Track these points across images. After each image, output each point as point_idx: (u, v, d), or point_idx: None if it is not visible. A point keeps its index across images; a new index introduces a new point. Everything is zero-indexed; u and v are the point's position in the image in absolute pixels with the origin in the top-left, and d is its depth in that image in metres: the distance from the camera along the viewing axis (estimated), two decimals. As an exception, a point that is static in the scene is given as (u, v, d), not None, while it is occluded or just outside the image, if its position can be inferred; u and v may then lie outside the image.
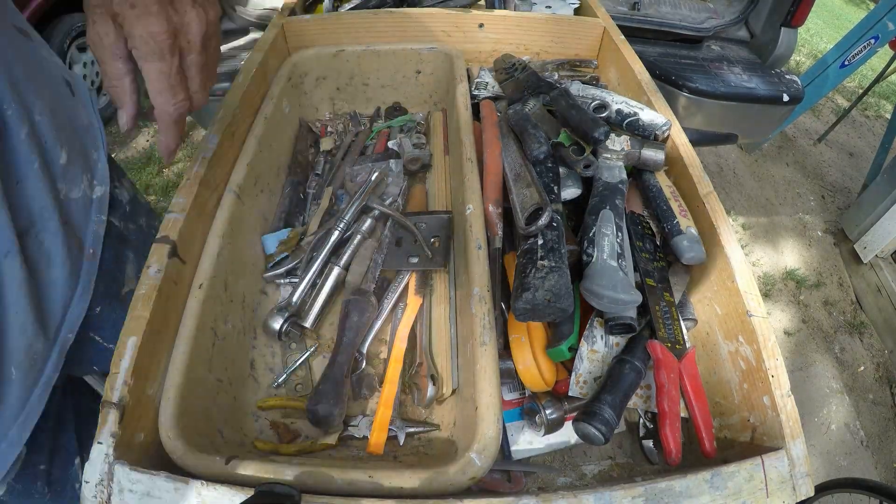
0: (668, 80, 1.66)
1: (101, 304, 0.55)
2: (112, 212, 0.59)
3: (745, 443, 0.46)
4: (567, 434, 0.50)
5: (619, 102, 0.65)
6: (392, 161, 0.70)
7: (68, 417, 0.55)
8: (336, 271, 0.57)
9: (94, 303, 0.54)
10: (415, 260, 0.57)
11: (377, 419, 0.48)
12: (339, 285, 0.58)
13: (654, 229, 0.58)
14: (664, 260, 0.56)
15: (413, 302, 0.56)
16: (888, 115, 3.06)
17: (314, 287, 0.58)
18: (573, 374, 0.49)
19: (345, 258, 0.59)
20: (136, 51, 0.40)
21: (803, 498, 0.40)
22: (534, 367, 0.49)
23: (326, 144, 0.76)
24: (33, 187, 0.47)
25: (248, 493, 0.35)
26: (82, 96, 0.58)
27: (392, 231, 0.62)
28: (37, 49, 0.52)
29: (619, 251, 0.52)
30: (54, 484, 0.53)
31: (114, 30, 0.39)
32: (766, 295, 2.21)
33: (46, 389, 0.49)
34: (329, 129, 0.79)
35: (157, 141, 0.49)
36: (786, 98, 1.68)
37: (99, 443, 0.38)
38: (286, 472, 0.38)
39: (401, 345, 0.53)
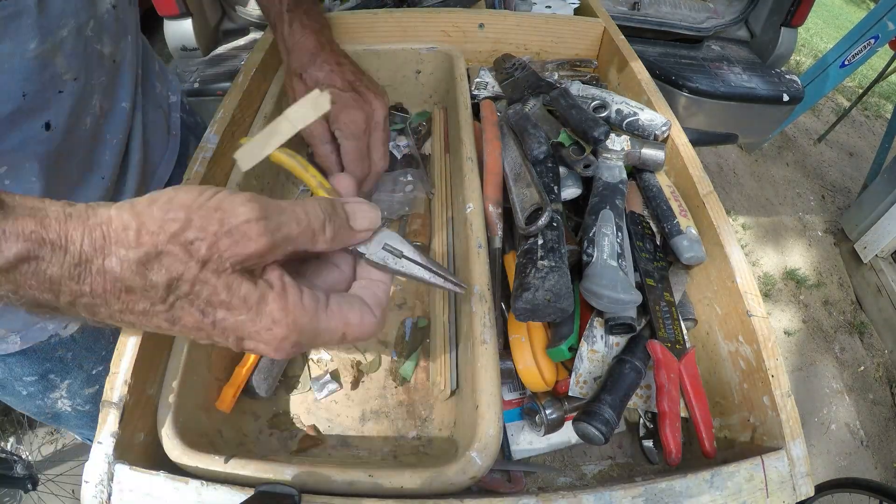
0: (668, 80, 1.66)
1: (176, 173, 0.69)
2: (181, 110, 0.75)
3: (745, 443, 0.46)
4: (567, 434, 0.50)
5: (618, 102, 0.64)
6: (410, 172, 0.70)
7: None
8: None
9: (174, 172, 0.69)
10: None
11: (231, 378, 0.49)
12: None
13: (654, 229, 0.58)
14: (664, 260, 0.56)
15: None
16: (888, 115, 3.06)
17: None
18: (573, 374, 0.49)
19: None
20: (339, 132, 0.54)
21: (803, 498, 0.40)
22: (534, 367, 0.49)
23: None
24: (147, 74, 0.63)
25: (247, 493, 0.35)
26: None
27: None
28: None
29: (619, 251, 0.52)
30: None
31: (321, 122, 0.54)
32: (766, 295, 2.21)
33: None
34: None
35: None
36: (786, 98, 1.69)
37: (99, 443, 0.38)
38: (286, 472, 0.38)
39: None
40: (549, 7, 0.95)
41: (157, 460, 0.40)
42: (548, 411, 0.48)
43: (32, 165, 0.45)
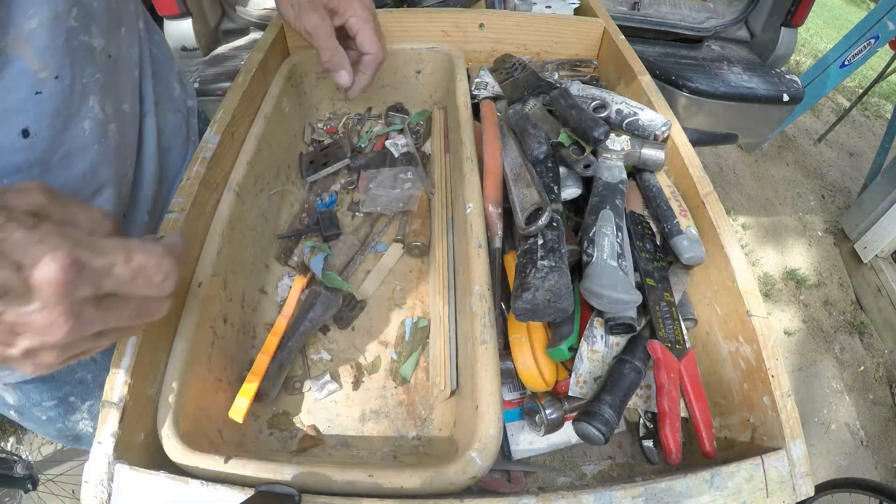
0: (668, 80, 1.66)
1: None
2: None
3: (745, 443, 0.46)
4: (567, 434, 0.50)
5: (618, 102, 0.64)
6: (410, 170, 0.70)
7: None
8: None
9: None
10: None
11: (243, 387, 0.49)
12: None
13: (654, 229, 0.58)
14: (664, 260, 0.56)
15: (298, 281, 0.58)
16: (888, 115, 3.06)
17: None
18: (573, 374, 0.49)
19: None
20: (355, 18, 0.58)
21: (803, 498, 0.40)
22: (534, 367, 0.49)
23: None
24: (163, 75, 0.61)
25: (247, 493, 0.35)
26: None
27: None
28: None
29: (619, 251, 0.52)
30: None
31: (327, 16, 0.57)
32: (766, 295, 2.21)
33: None
34: (331, 127, 0.79)
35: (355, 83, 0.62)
36: (786, 98, 1.68)
37: (99, 443, 0.38)
38: (286, 472, 0.38)
39: (282, 320, 0.54)
40: (549, 7, 0.95)
41: (157, 460, 0.40)
42: (548, 411, 0.48)
43: (11, 179, 0.41)
